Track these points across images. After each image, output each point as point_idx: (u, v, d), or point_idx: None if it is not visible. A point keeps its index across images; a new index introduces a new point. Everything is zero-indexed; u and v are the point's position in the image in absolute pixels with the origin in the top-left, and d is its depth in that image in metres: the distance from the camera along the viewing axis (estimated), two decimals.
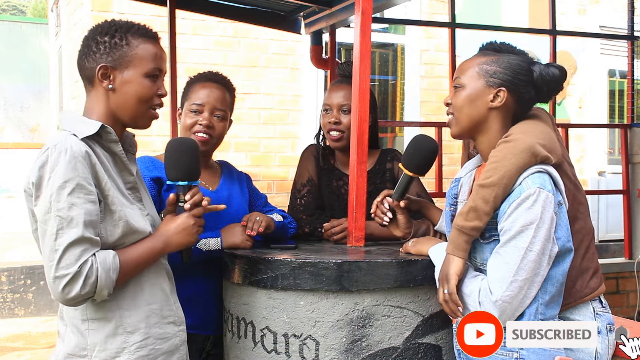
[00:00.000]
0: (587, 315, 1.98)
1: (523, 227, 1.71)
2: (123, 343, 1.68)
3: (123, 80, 1.72)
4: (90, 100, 1.77)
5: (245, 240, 2.14)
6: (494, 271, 1.74)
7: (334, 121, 2.50)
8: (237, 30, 5.81)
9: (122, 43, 1.72)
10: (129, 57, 1.72)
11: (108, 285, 1.60)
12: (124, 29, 1.74)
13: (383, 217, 2.15)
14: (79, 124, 1.70)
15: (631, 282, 5.15)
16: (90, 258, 1.57)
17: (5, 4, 18.49)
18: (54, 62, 8.45)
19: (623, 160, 5.07)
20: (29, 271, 5.94)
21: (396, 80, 6.82)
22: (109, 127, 1.71)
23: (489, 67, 1.86)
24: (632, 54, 5.10)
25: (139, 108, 1.75)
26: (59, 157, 1.58)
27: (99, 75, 1.71)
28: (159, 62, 1.77)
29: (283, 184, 5.88)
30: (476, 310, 1.74)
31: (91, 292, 1.58)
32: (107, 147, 1.73)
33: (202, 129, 2.23)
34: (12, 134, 10.07)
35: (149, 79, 1.74)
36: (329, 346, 1.90)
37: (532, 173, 1.75)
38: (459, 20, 4.86)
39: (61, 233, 1.56)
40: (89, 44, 1.74)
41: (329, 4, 3.60)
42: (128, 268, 1.67)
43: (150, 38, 1.77)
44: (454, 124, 1.91)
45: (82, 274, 1.55)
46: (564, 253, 1.80)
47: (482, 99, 1.86)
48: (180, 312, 1.86)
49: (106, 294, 1.62)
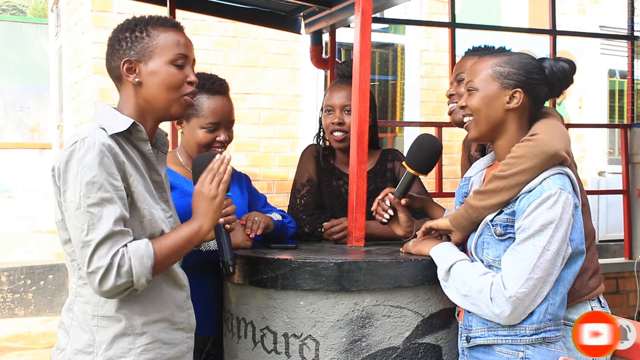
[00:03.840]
0: None
1: (543, 226, 1.72)
2: (130, 344, 1.68)
3: (149, 72, 1.72)
4: (122, 98, 1.77)
5: (245, 240, 2.14)
6: (510, 268, 1.74)
7: (338, 122, 2.50)
8: (237, 30, 5.80)
9: (143, 35, 1.73)
10: (151, 48, 1.72)
11: (144, 273, 1.59)
12: (143, 22, 1.75)
13: (384, 214, 2.15)
14: (110, 118, 1.70)
15: (631, 282, 5.15)
16: (121, 249, 1.57)
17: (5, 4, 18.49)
18: (54, 62, 8.44)
19: (623, 160, 5.07)
20: (29, 271, 5.94)
21: (396, 80, 6.82)
22: (139, 125, 1.71)
23: (502, 68, 1.86)
24: (632, 54, 5.10)
25: (169, 97, 1.74)
26: (87, 151, 1.58)
27: (124, 70, 1.72)
28: (182, 48, 1.75)
29: (283, 184, 5.88)
30: (487, 306, 1.75)
31: (128, 282, 1.58)
32: (137, 146, 1.73)
33: (220, 145, 2.25)
34: (12, 134, 10.07)
35: (175, 67, 1.73)
36: (329, 346, 1.90)
37: (554, 174, 1.76)
38: (459, 20, 4.86)
39: (92, 229, 1.56)
40: (113, 43, 1.76)
41: (329, 4, 3.60)
42: (165, 253, 1.65)
43: (171, 26, 1.77)
44: (472, 127, 1.91)
45: (114, 265, 1.55)
46: (576, 255, 1.81)
47: (499, 101, 1.86)
48: (192, 320, 1.85)
49: (145, 282, 1.61)
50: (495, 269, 1.81)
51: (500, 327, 1.79)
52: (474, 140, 1.95)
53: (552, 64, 1.88)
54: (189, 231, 1.70)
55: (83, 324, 1.68)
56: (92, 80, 5.50)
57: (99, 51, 5.41)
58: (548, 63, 1.89)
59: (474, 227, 1.88)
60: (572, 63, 1.91)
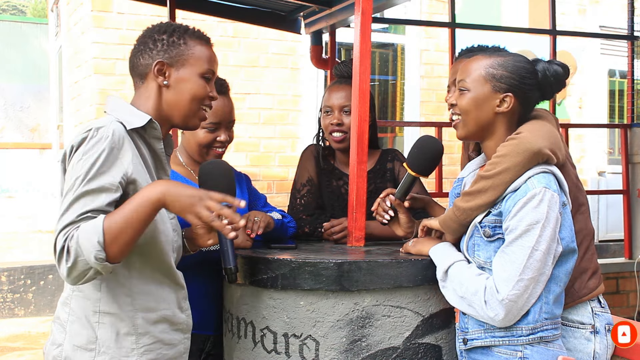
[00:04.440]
0: (585, 315, 1.99)
1: (529, 227, 1.72)
2: (133, 344, 1.68)
3: (179, 78, 1.75)
4: (140, 96, 1.77)
5: (245, 240, 2.14)
6: (500, 270, 1.74)
7: (337, 122, 2.50)
8: (237, 30, 5.81)
9: (180, 42, 1.75)
10: (186, 56, 1.75)
11: (92, 249, 1.47)
12: (182, 29, 1.78)
13: (384, 215, 2.15)
14: (128, 114, 1.70)
15: (631, 282, 5.15)
16: (73, 230, 1.51)
17: (5, 4, 18.49)
18: (54, 62, 8.45)
19: (623, 160, 5.07)
20: (29, 271, 5.94)
21: (396, 80, 6.82)
22: (155, 123, 1.72)
23: (495, 71, 1.85)
24: (632, 54, 5.10)
25: (191, 107, 1.77)
26: (97, 144, 1.58)
27: (155, 70, 1.73)
28: (213, 64, 1.81)
29: (283, 184, 5.88)
30: (482, 309, 1.75)
31: (81, 262, 1.49)
32: (149, 143, 1.74)
33: (221, 145, 2.26)
34: (12, 134, 10.07)
35: (203, 80, 1.77)
36: (329, 346, 1.90)
37: (538, 173, 1.76)
38: (459, 20, 4.86)
39: (64, 214, 1.53)
40: (146, 41, 1.76)
41: (329, 4, 3.61)
42: (116, 226, 1.50)
43: (206, 41, 1.82)
44: (460, 127, 1.91)
45: (65, 247, 1.49)
46: (567, 253, 1.81)
47: (489, 104, 1.86)
48: (189, 320, 1.85)
49: (94, 259, 1.48)
50: (487, 271, 1.81)
51: (496, 329, 1.79)
52: (462, 139, 1.96)
53: (545, 67, 1.88)
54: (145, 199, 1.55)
55: (83, 320, 1.67)
56: (92, 80, 5.49)
57: (99, 51, 5.42)
58: (541, 66, 1.88)
59: (463, 230, 1.88)
60: (565, 67, 1.91)
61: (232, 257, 1.80)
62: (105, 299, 1.66)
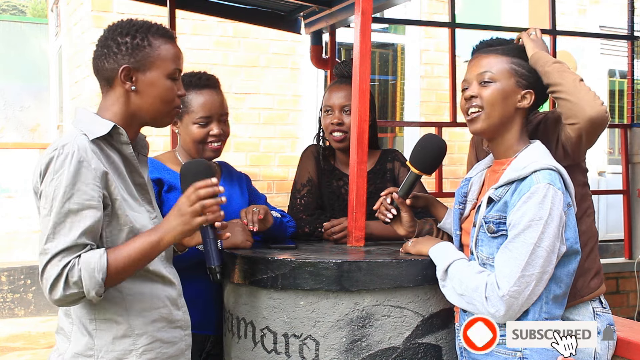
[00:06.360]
0: (586, 315, 1.99)
1: (531, 222, 1.71)
2: (131, 345, 1.68)
3: (146, 82, 1.72)
4: (107, 100, 1.75)
5: (245, 240, 2.14)
6: (502, 266, 1.74)
7: (337, 122, 2.50)
8: (237, 30, 5.81)
9: (145, 44, 1.71)
10: (152, 58, 1.71)
11: (94, 285, 1.55)
12: (144, 29, 1.73)
13: (387, 213, 2.15)
14: (89, 123, 1.69)
15: (631, 282, 5.15)
16: (73, 259, 1.55)
17: (5, 4, 18.48)
18: (54, 62, 8.45)
19: (623, 160, 5.07)
20: (29, 271, 5.94)
21: (396, 80, 6.82)
22: (120, 129, 1.70)
23: (519, 68, 1.88)
24: (632, 54, 5.10)
25: (161, 109, 1.75)
26: (65, 160, 1.58)
27: (122, 76, 1.70)
28: (178, 62, 1.77)
29: (283, 184, 5.88)
30: (483, 305, 1.74)
31: (78, 293, 1.56)
32: (118, 149, 1.72)
33: (215, 139, 2.24)
34: (11, 134, 10.06)
35: (171, 80, 1.75)
36: (329, 346, 1.90)
37: (544, 168, 1.76)
38: (459, 20, 4.86)
39: (51, 239, 1.55)
40: (109, 44, 1.72)
41: (329, 4, 3.60)
42: (120, 265, 1.59)
43: (170, 38, 1.77)
44: (482, 119, 1.87)
45: (63, 275, 1.53)
46: (570, 254, 1.80)
47: (513, 98, 1.86)
48: (187, 317, 1.85)
49: (95, 294, 1.56)
50: (489, 267, 1.81)
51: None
52: (479, 133, 1.91)
53: None
54: (147, 243, 1.63)
55: (82, 328, 1.68)
56: (92, 80, 5.49)
57: None
58: None
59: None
60: None
61: (216, 256, 1.78)
62: (100, 306, 1.67)
